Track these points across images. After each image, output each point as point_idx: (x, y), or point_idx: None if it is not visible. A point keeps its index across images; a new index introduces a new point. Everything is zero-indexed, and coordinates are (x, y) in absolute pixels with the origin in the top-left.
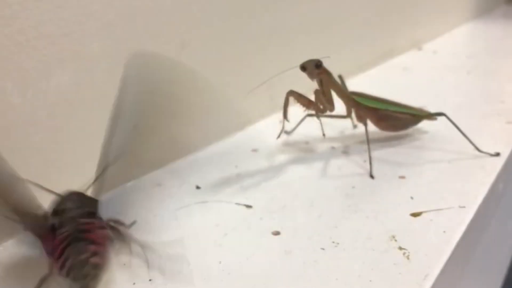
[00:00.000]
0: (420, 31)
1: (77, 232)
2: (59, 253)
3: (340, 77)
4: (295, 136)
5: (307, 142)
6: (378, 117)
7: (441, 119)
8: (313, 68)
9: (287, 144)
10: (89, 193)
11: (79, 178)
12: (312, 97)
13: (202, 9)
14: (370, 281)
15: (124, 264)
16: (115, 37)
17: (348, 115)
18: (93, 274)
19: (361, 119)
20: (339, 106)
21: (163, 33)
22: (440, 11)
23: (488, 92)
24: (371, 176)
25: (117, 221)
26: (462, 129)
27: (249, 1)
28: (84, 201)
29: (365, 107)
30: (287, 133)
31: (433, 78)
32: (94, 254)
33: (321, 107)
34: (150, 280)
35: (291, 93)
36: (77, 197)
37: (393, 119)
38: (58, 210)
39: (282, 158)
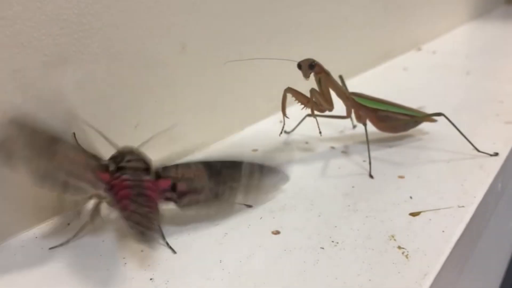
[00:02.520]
0: (419, 32)
1: (143, 189)
2: (127, 196)
3: (340, 77)
4: (295, 136)
5: (307, 142)
6: (377, 117)
7: (440, 119)
8: (307, 67)
9: (287, 144)
10: None
11: None
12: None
13: (203, 9)
14: (370, 280)
15: (125, 264)
16: (115, 38)
17: (348, 116)
18: (149, 226)
19: (361, 119)
20: (339, 106)
21: (163, 34)
22: (439, 12)
23: (487, 92)
24: (371, 176)
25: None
26: (461, 129)
27: (249, 1)
28: (140, 157)
29: (365, 107)
30: (287, 132)
31: (432, 78)
32: (151, 211)
33: (320, 106)
34: (151, 279)
35: (289, 90)
36: (135, 151)
37: (392, 120)
38: (117, 156)
39: (282, 158)
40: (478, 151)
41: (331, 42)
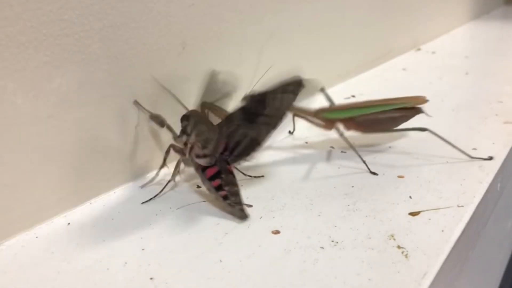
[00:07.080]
0: (419, 32)
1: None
2: (215, 174)
3: (322, 89)
4: (295, 136)
5: (307, 142)
6: (357, 124)
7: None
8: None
9: (287, 144)
10: None
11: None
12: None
13: (203, 9)
14: (369, 279)
15: (126, 263)
16: (116, 38)
17: (329, 129)
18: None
19: (345, 129)
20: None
21: (163, 33)
22: (439, 12)
23: (486, 92)
24: (372, 172)
25: None
26: (460, 129)
27: (249, 1)
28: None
29: (337, 120)
30: (287, 132)
31: (431, 79)
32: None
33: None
34: (151, 279)
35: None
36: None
37: (374, 121)
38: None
39: (282, 157)
40: (471, 157)
41: (331, 42)
